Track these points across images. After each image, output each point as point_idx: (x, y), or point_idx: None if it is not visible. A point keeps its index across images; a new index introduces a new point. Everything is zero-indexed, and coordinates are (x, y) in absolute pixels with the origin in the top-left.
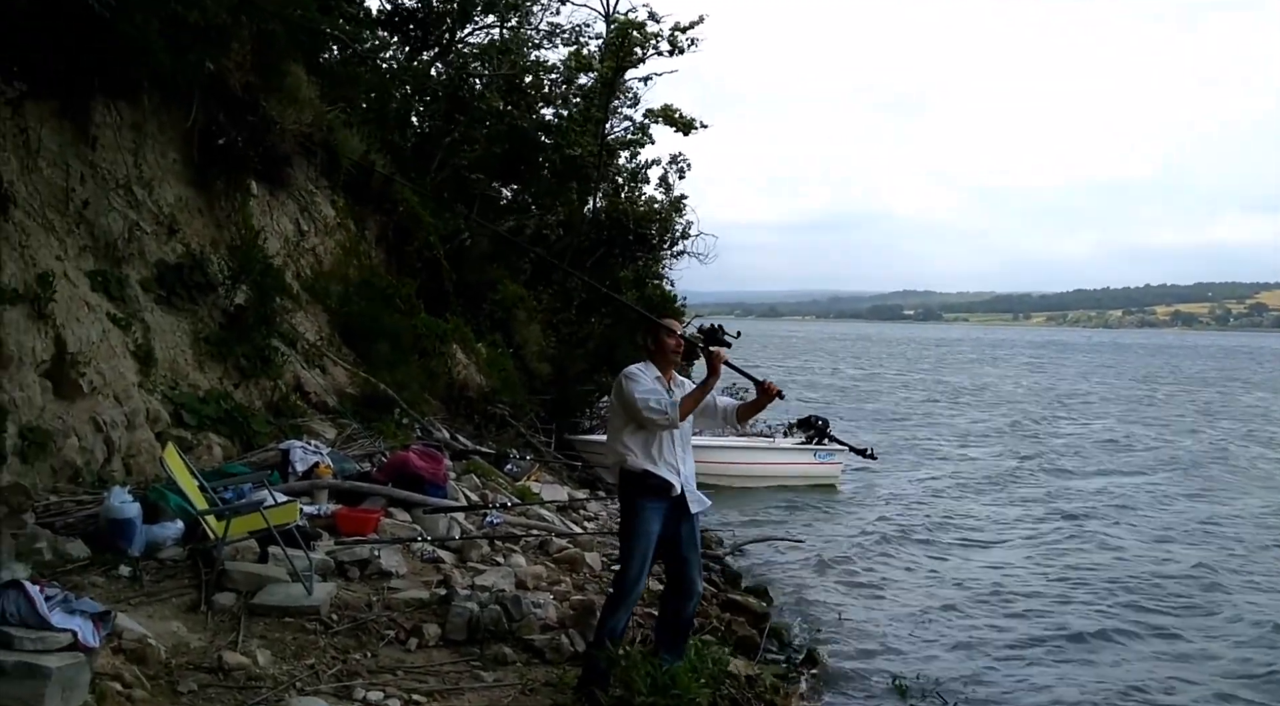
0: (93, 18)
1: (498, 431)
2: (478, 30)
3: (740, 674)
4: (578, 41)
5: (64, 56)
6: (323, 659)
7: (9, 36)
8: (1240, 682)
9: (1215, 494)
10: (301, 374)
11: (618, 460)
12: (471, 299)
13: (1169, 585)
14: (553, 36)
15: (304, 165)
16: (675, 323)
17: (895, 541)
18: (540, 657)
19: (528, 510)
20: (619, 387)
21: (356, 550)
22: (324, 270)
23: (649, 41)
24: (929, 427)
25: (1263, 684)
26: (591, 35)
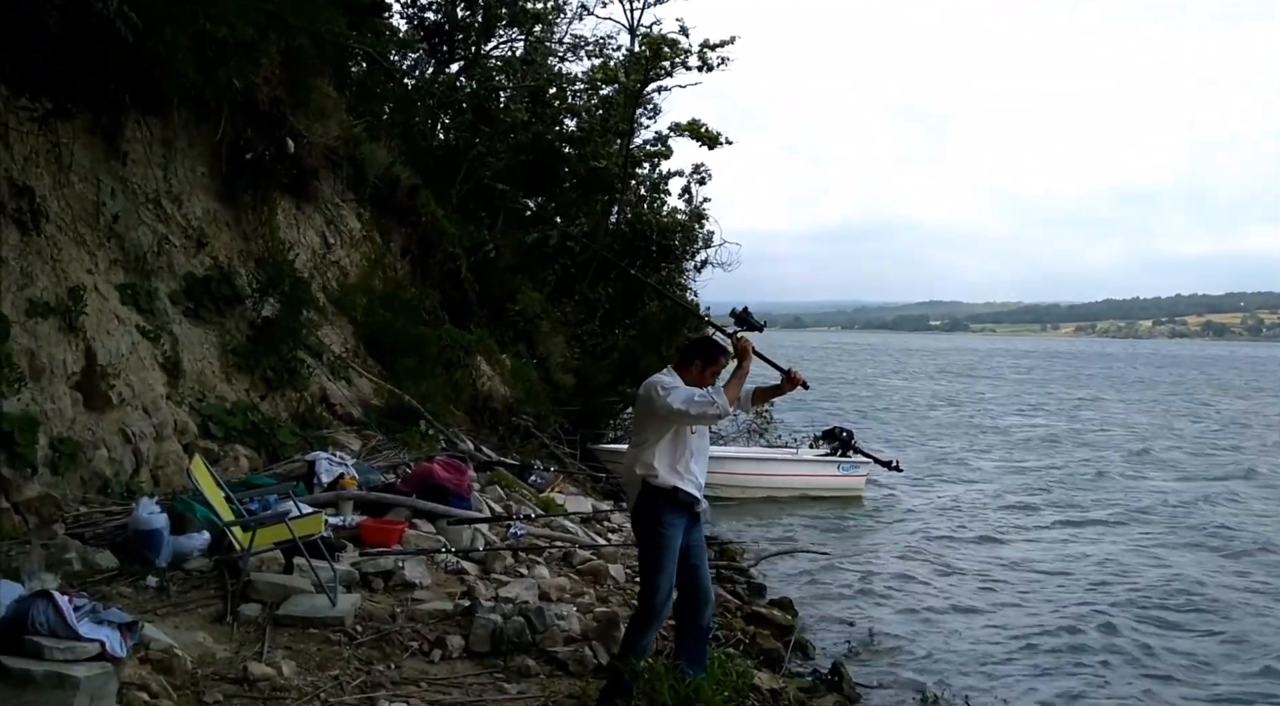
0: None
1: (521, 442)
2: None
3: (765, 687)
4: (602, 53)
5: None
6: (347, 670)
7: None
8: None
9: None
10: (327, 385)
11: (645, 474)
12: (495, 310)
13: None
14: (576, 49)
15: (330, 178)
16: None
17: (920, 553)
18: (564, 670)
19: (551, 521)
20: (653, 398)
21: (381, 561)
22: (350, 282)
23: (679, 57)
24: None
25: None
26: (614, 48)
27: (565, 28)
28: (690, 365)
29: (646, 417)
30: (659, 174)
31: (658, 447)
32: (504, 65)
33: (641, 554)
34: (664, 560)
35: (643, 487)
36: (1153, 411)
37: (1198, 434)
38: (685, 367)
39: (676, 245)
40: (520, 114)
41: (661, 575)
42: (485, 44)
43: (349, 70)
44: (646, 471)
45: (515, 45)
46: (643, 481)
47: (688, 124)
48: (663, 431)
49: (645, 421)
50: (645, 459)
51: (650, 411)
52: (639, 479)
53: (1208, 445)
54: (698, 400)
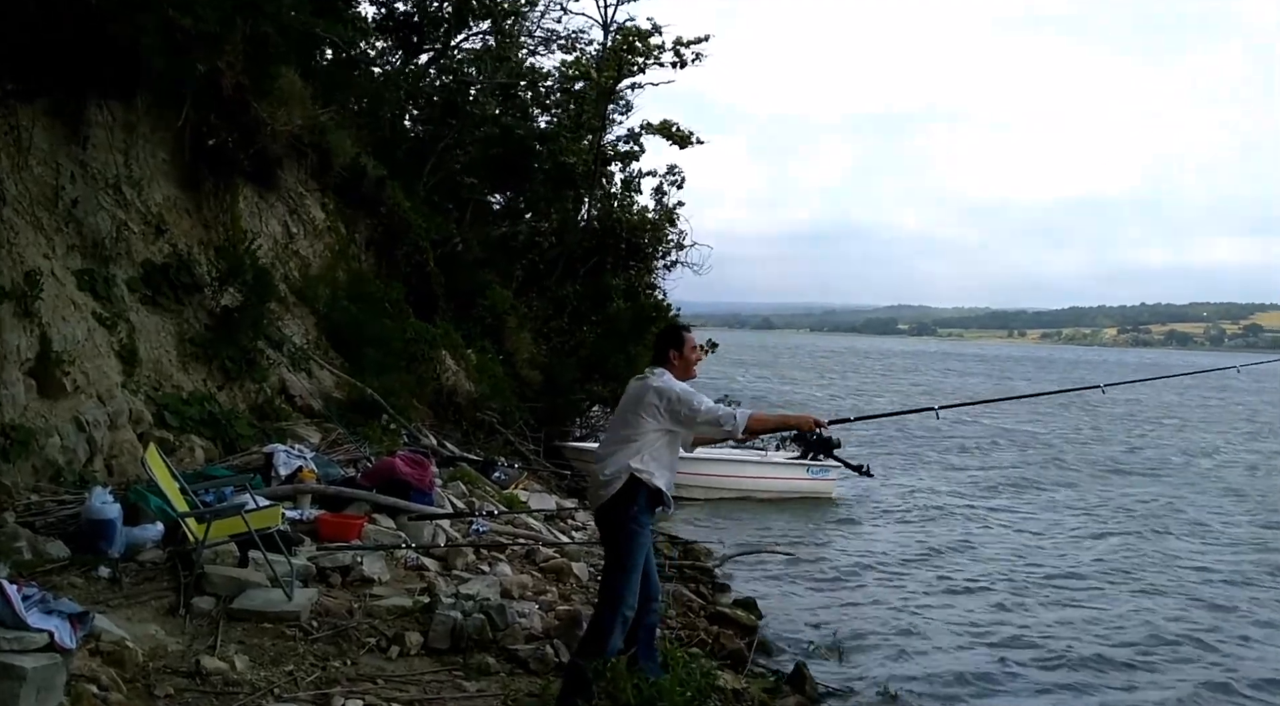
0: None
1: (486, 438)
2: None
3: (728, 687)
4: (574, 48)
5: (57, 57)
6: (301, 665)
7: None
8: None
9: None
10: (287, 377)
11: (638, 472)
12: (462, 305)
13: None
14: (549, 43)
15: (294, 167)
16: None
17: (887, 555)
18: (524, 668)
19: (514, 518)
20: (674, 403)
21: (339, 556)
22: (312, 273)
23: (652, 52)
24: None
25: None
26: (586, 42)
27: (537, 21)
28: (668, 358)
29: (649, 417)
30: (630, 173)
31: (654, 447)
32: (475, 58)
33: (613, 553)
34: (638, 559)
35: (628, 483)
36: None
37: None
38: (665, 363)
39: (646, 244)
40: (490, 107)
41: (633, 575)
42: (456, 36)
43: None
44: (642, 467)
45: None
46: (631, 477)
47: (659, 124)
48: (660, 432)
49: (646, 420)
50: (643, 456)
51: (659, 412)
52: (628, 474)
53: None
54: (721, 416)
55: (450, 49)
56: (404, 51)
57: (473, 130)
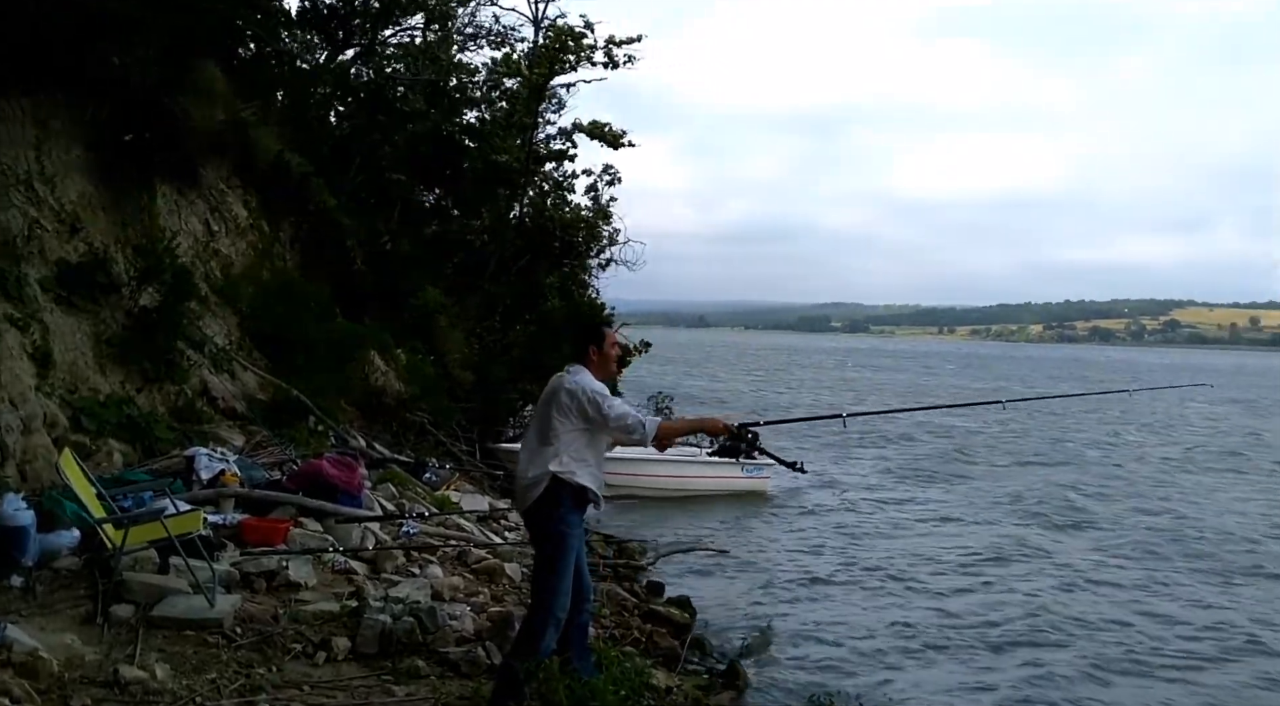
0: None
1: (417, 439)
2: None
3: (661, 685)
4: (505, 45)
5: None
6: (225, 673)
7: None
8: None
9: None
10: (209, 379)
11: (560, 471)
12: (391, 304)
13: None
14: (478, 39)
15: (215, 164)
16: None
17: (820, 551)
18: (455, 671)
19: (446, 520)
20: (584, 403)
21: (263, 561)
22: (235, 272)
23: (583, 51)
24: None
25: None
26: (517, 39)
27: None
28: (587, 355)
29: (563, 416)
30: (564, 172)
31: (573, 447)
32: (403, 54)
33: (542, 554)
34: (568, 560)
35: (551, 484)
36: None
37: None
38: (586, 360)
39: (580, 242)
40: (419, 104)
41: (563, 575)
42: (383, 30)
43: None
44: (562, 468)
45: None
46: (553, 478)
47: (589, 124)
48: (577, 431)
49: (560, 420)
50: (561, 457)
51: (571, 412)
52: (549, 475)
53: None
54: (630, 423)
55: (377, 44)
56: (329, 46)
57: (401, 127)
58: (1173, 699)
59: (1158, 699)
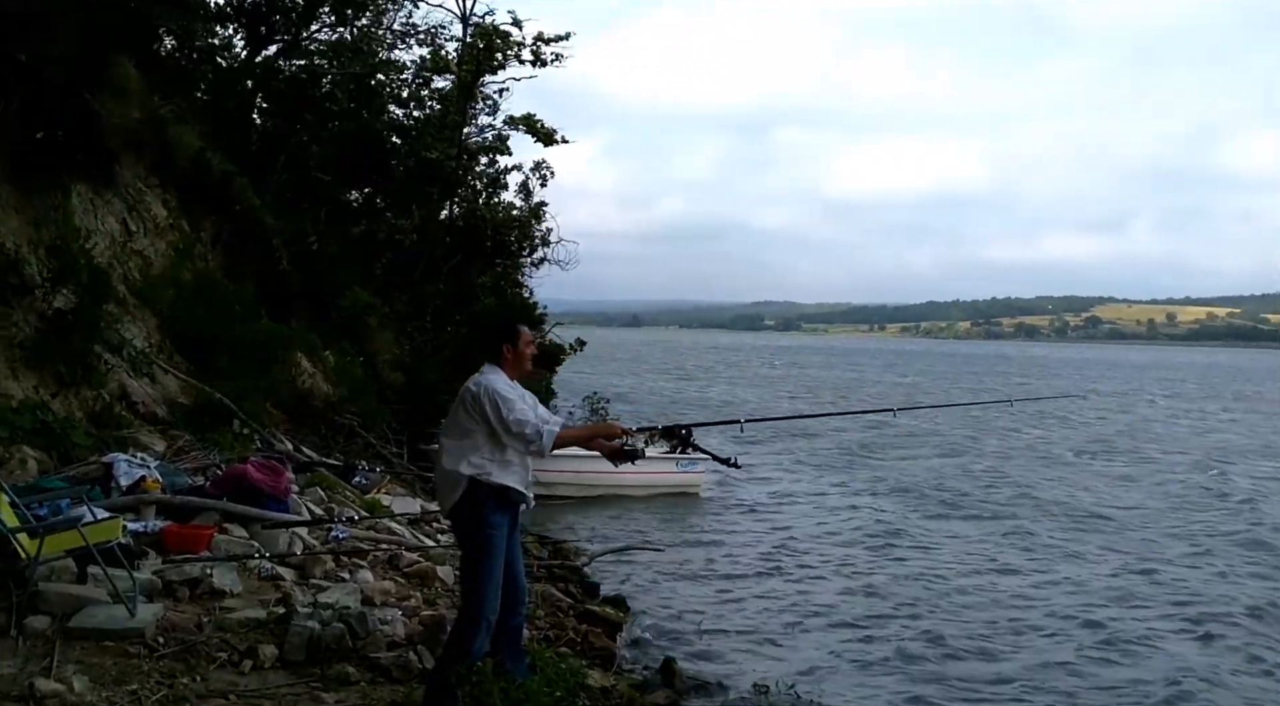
0: None
1: (346, 442)
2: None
3: (596, 685)
4: (434, 43)
5: None
6: (146, 684)
7: None
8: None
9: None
10: (128, 383)
11: (476, 473)
12: (319, 305)
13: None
14: (406, 37)
15: (133, 162)
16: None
17: (755, 547)
18: (387, 676)
19: (376, 523)
20: (485, 404)
21: (187, 568)
22: (154, 273)
23: (511, 49)
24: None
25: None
26: (447, 38)
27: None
28: (501, 354)
29: (470, 417)
30: (496, 169)
31: (487, 447)
32: (328, 50)
33: (467, 556)
34: (493, 561)
35: (469, 486)
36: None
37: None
38: (500, 359)
39: (512, 241)
40: (345, 102)
41: (488, 577)
42: (307, 26)
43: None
44: (477, 470)
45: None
46: (470, 480)
47: (523, 118)
48: (490, 431)
49: (473, 420)
50: (475, 457)
51: (475, 413)
52: (465, 477)
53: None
54: (529, 434)
55: (302, 40)
56: (251, 41)
57: (327, 125)
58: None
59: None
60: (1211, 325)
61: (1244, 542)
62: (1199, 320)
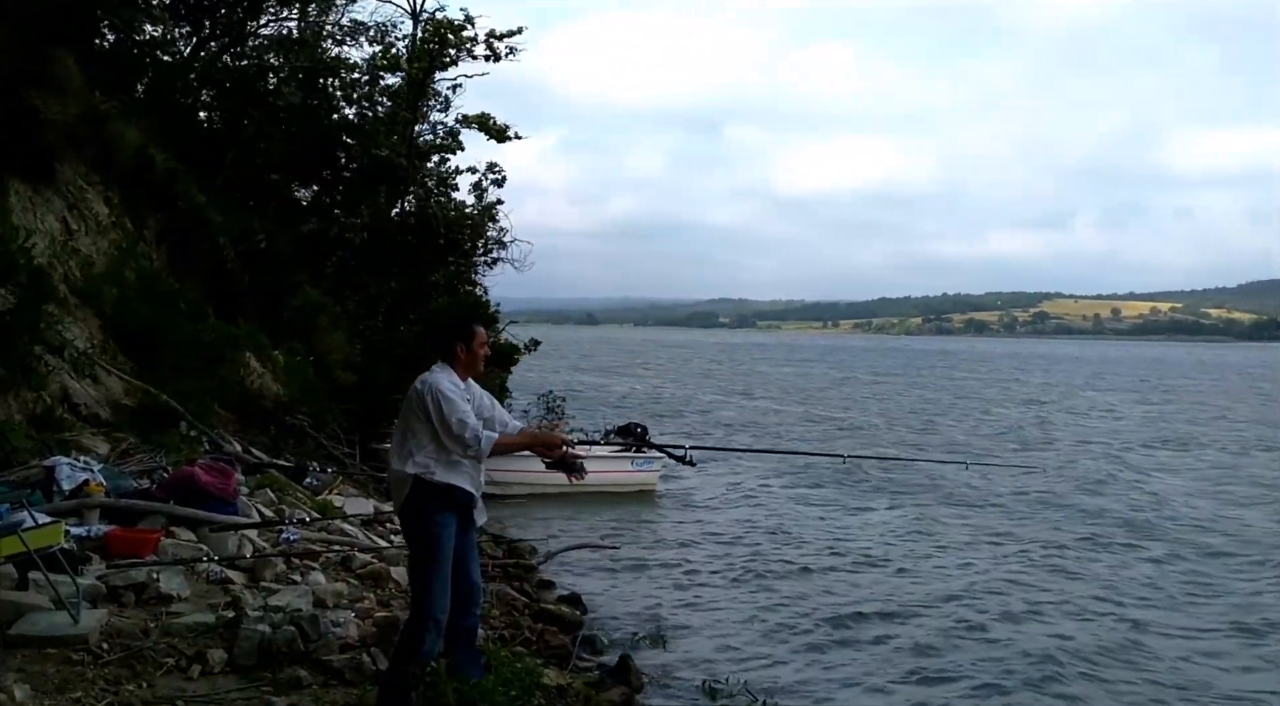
0: None
1: (297, 443)
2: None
3: (552, 684)
4: (384, 40)
5: None
6: (91, 691)
7: None
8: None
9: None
10: (70, 385)
11: (421, 472)
12: (268, 304)
13: None
14: (356, 34)
15: (73, 159)
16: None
17: (710, 544)
18: (339, 679)
19: (328, 525)
20: (429, 403)
21: (132, 573)
22: (97, 272)
23: (463, 45)
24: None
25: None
26: (398, 36)
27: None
28: (455, 353)
29: (414, 416)
30: (447, 168)
31: (431, 447)
32: (275, 45)
33: (414, 555)
34: (438, 561)
35: (414, 485)
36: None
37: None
38: (453, 358)
39: (465, 240)
40: (294, 98)
41: (436, 576)
42: (252, 20)
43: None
44: (422, 470)
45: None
46: (415, 479)
47: (476, 116)
48: (434, 431)
49: (418, 419)
50: (420, 456)
51: (419, 411)
52: (410, 476)
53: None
54: (468, 438)
55: (247, 34)
56: (195, 36)
57: (275, 122)
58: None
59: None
60: (1155, 319)
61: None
62: (1142, 315)
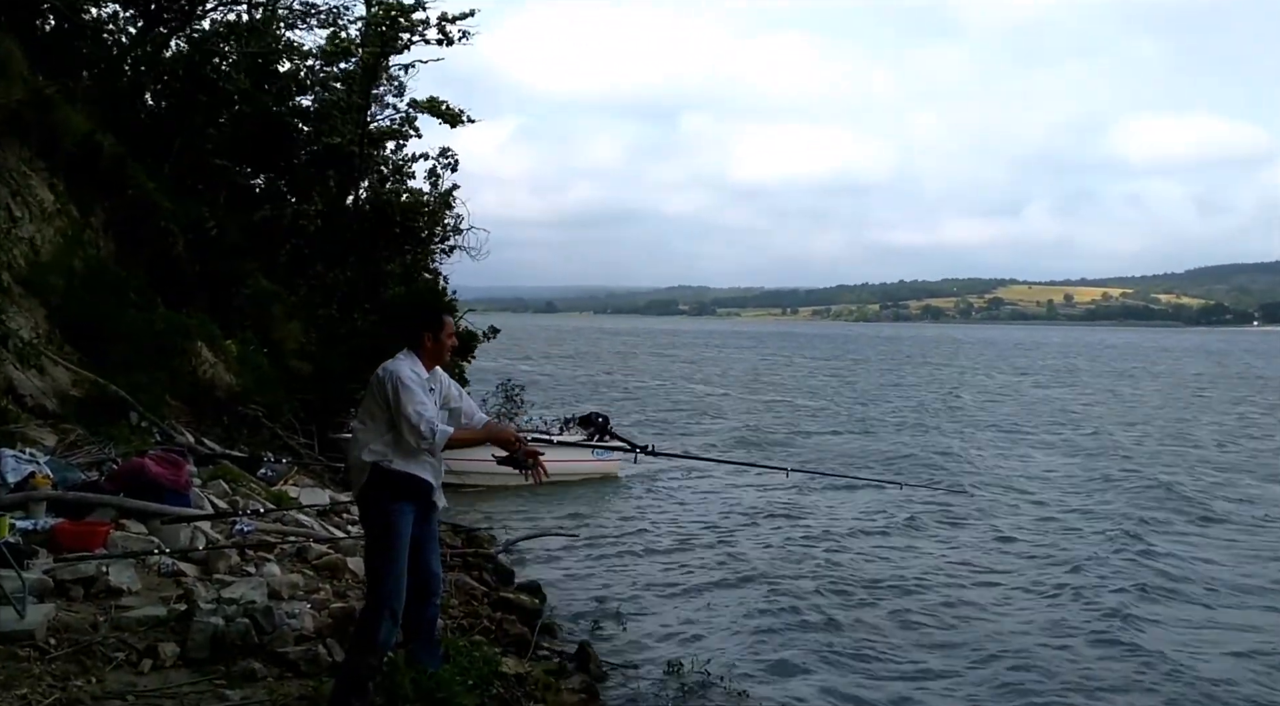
0: None
1: (250, 434)
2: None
3: (511, 672)
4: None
5: None
6: (38, 687)
7: None
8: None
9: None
10: (14, 376)
11: (378, 460)
12: (219, 293)
13: None
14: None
15: (15, 145)
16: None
17: (670, 531)
18: (295, 671)
19: (283, 515)
20: (389, 391)
21: (81, 567)
22: (42, 260)
23: (416, 28)
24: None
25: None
26: (351, 19)
27: None
28: (421, 342)
29: (379, 404)
30: (403, 156)
31: (391, 434)
32: (224, 30)
33: (369, 542)
34: (394, 549)
35: (371, 472)
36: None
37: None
38: (419, 347)
39: (421, 227)
40: (244, 83)
41: (391, 565)
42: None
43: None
44: (379, 457)
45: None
46: (373, 466)
47: (427, 101)
48: (392, 419)
49: (378, 406)
50: (377, 444)
51: (378, 398)
52: (368, 464)
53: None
54: (423, 430)
55: (196, 18)
56: (140, 20)
57: (225, 107)
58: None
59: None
60: (1107, 305)
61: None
62: (1095, 301)
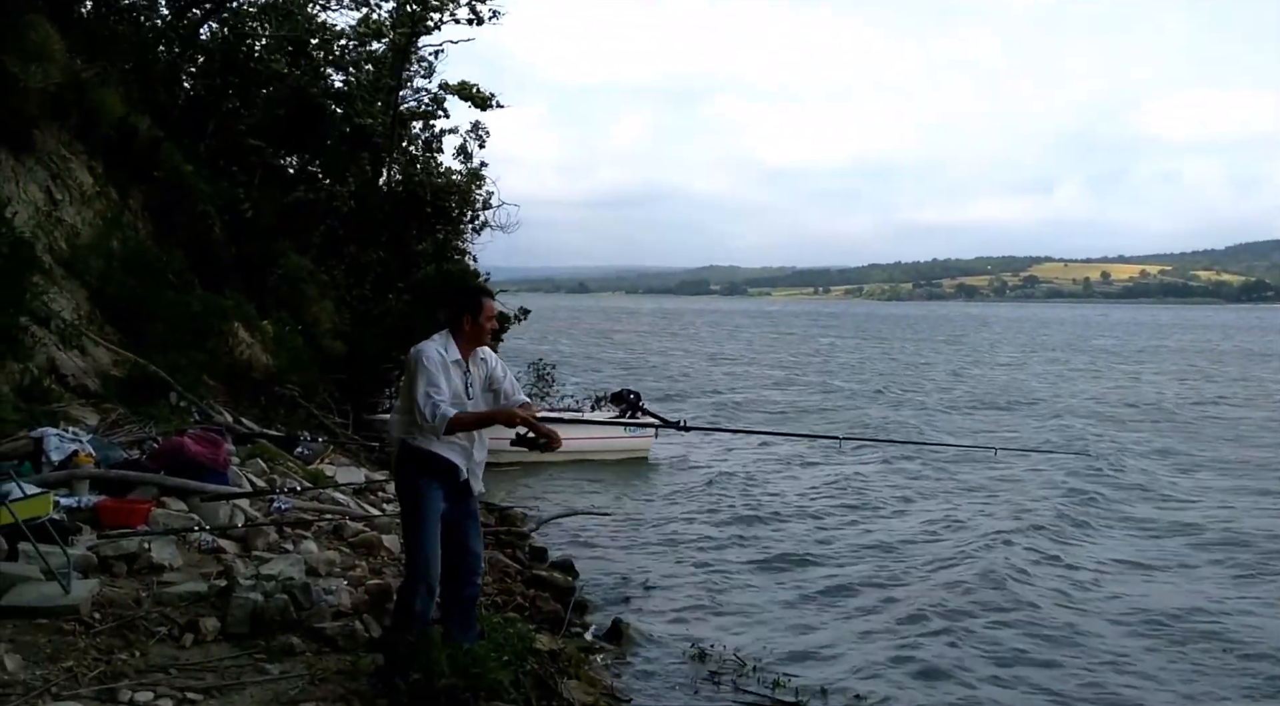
0: None
1: (287, 413)
2: None
3: (545, 649)
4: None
5: None
6: (83, 661)
7: None
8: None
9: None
10: (57, 356)
11: (406, 436)
12: (254, 274)
13: None
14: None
15: (54, 128)
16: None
17: (704, 511)
18: (332, 646)
19: (320, 494)
20: (410, 368)
21: (123, 543)
22: (82, 242)
23: (446, 6)
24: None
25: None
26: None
27: None
28: (461, 323)
29: (409, 384)
30: (432, 133)
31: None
32: (258, 11)
33: (402, 518)
34: (423, 524)
35: (400, 448)
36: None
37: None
38: (458, 328)
39: (453, 207)
40: (277, 65)
41: (422, 539)
42: None
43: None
44: (406, 433)
45: None
46: (402, 442)
47: (457, 85)
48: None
49: (408, 386)
50: (405, 421)
51: (410, 379)
52: (398, 440)
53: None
54: (425, 411)
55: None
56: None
57: (258, 89)
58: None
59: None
60: (1144, 282)
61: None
62: (1132, 278)
